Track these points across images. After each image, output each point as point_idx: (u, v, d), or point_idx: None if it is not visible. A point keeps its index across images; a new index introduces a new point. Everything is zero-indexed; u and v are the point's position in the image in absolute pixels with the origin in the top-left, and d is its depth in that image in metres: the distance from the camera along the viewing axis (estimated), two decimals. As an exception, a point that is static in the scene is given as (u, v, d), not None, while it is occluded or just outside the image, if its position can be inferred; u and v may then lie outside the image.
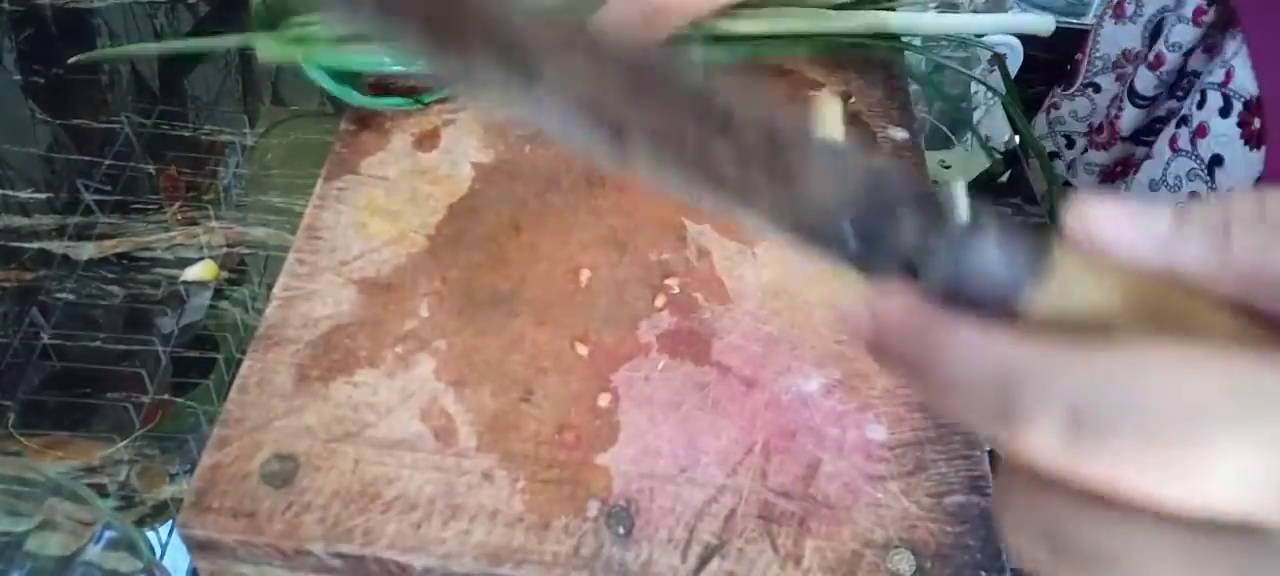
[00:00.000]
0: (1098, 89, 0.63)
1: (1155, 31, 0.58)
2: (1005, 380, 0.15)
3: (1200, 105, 0.50)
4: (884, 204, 0.17)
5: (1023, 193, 0.60)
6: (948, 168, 0.62)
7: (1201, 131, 0.49)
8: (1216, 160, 0.48)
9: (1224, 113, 0.48)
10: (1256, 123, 0.47)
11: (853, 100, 0.47)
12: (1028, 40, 0.54)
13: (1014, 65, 0.56)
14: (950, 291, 0.16)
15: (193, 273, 0.54)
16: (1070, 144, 0.65)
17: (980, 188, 0.61)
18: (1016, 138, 0.65)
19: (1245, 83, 0.47)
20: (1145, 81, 0.55)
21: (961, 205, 0.16)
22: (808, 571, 0.31)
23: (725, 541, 0.31)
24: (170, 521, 0.43)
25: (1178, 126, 0.52)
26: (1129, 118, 0.56)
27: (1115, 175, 0.58)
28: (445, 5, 0.18)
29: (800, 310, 0.38)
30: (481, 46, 0.18)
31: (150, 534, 0.43)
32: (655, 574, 0.31)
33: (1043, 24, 0.52)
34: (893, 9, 0.49)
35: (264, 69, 0.70)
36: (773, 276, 0.39)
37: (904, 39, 0.50)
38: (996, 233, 0.16)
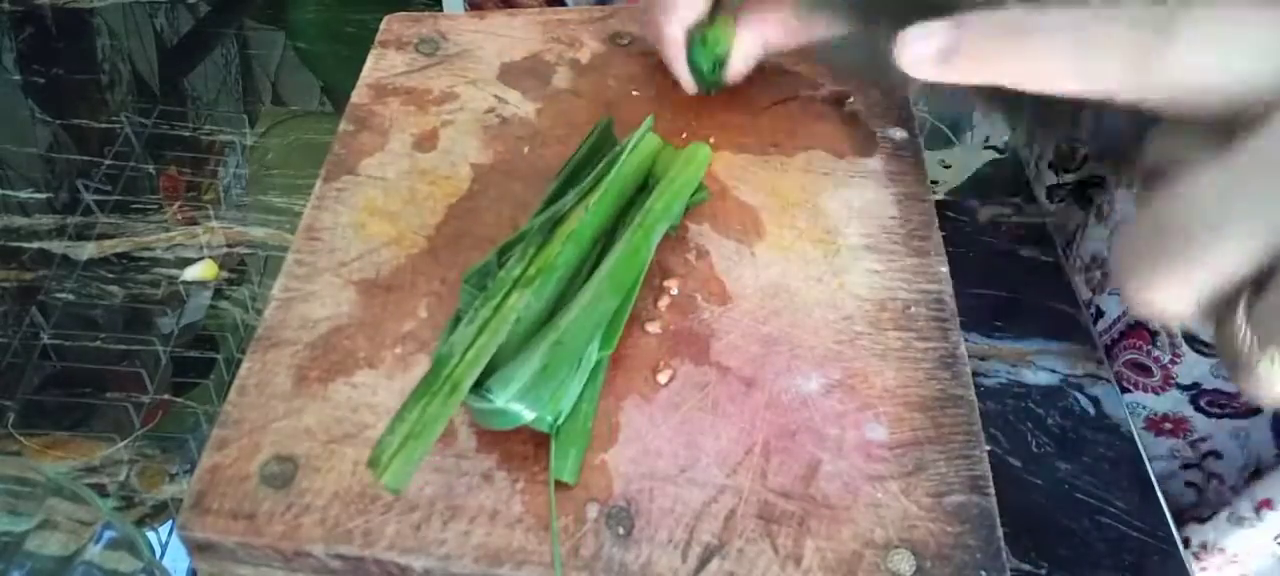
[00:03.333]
0: None
1: None
2: None
3: None
4: None
5: (1024, 194, 0.60)
6: (948, 167, 0.62)
7: None
8: None
9: None
10: None
11: (852, 100, 0.46)
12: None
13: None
14: None
15: (193, 273, 0.54)
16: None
17: (980, 187, 0.61)
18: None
19: None
20: None
21: None
22: (808, 571, 0.31)
23: (725, 541, 0.31)
24: (170, 521, 0.43)
25: None
26: None
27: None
28: None
29: (800, 310, 0.38)
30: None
31: (150, 534, 0.43)
32: (655, 574, 0.31)
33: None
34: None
35: (264, 69, 0.70)
36: (772, 276, 0.39)
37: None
38: None
